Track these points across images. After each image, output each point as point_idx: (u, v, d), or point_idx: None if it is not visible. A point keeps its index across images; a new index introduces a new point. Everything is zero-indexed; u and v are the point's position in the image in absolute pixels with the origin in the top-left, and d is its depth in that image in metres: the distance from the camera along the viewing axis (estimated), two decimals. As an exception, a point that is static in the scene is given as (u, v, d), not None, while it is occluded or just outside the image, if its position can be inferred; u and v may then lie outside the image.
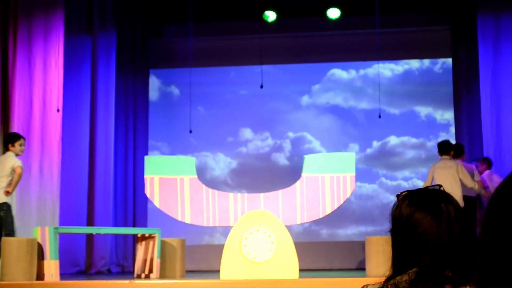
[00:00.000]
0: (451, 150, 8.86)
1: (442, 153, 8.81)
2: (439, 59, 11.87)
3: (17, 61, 9.54)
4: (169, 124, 11.98)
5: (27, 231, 8.51)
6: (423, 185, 9.10)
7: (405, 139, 11.78)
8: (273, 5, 11.25)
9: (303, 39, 12.00)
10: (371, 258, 7.71)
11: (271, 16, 11.26)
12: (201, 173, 10.85)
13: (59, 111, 9.44)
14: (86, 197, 10.39)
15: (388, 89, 11.68)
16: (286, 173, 11.48)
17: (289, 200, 7.71)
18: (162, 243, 8.17)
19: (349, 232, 11.62)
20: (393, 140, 11.79)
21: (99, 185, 10.49)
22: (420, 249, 1.67)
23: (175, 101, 12.12)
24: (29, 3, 9.68)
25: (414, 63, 11.95)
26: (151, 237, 8.18)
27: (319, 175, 7.74)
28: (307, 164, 7.82)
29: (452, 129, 11.51)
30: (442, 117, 11.75)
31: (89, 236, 10.32)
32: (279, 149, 11.95)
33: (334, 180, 7.72)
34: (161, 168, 7.77)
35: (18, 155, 8.12)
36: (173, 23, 11.88)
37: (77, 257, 10.19)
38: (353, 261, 10.99)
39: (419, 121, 11.80)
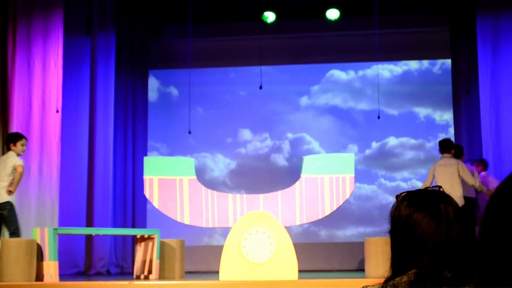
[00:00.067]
0: (452, 148, 8.83)
1: (443, 151, 8.78)
2: (438, 60, 11.86)
3: (16, 61, 9.54)
4: (168, 124, 11.97)
5: (26, 232, 8.49)
6: (423, 183, 9.08)
7: (404, 140, 11.77)
8: (272, 6, 11.25)
9: (302, 40, 11.99)
10: (370, 259, 7.71)
11: (270, 17, 11.26)
12: (200, 174, 10.84)
13: (58, 111, 9.44)
14: (85, 198, 10.38)
15: (387, 90, 11.67)
16: (285, 174, 11.47)
17: (288, 201, 7.71)
18: (161, 244, 8.17)
19: (348, 233, 11.61)
20: (392, 141, 11.78)
21: (98, 186, 10.49)
22: (418, 250, 1.67)
23: (174, 101, 12.11)
24: (28, 3, 9.68)
25: (413, 64, 11.95)
26: (150, 238, 8.17)
27: (318, 176, 7.73)
28: (306, 165, 7.81)
29: (451, 130, 11.50)
30: (441, 118, 11.75)
31: (88, 237, 10.31)
32: (278, 150, 11.94)
33: (333, 181, 7.71)
34: (160, 169, 7.76)
35: (19, 155, 8.13)
36: (173, 23, 11.87)
37: (76, 258, 10.19)
38: (352, 262, 10.97)
39: (418, 122, 11.79)
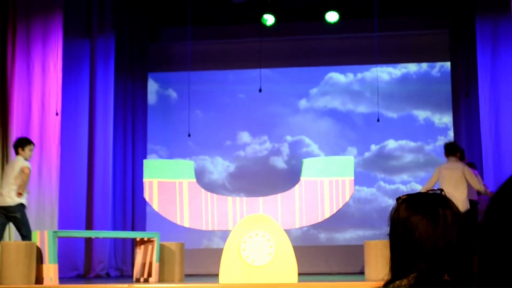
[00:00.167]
0: (457, 151, 8.75)
1: (448, 154, 8.69)
2: (437, 63, 11.87)
3: (16, 64, 9.54)
4: (167, 127, 11.98)
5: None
6: (425, 184, 9.05)
7: (403, 143, 11.77)
8: (271, 9, 11.25)
9: (301, 43, 12.00)
10: (370, 262, 7.70)
11: (269, 19, 11.25)
12: (199, 176, 10.83)
13: (58, 114, 9.44)
14: (85, 200, 10.38)
15: (386, 93, 11.67)
16: (284, 177, 11.46)
17: (288, 204, 7.70)
18: (161, 247, 8.17)
19: (347, 236, 11.61)
20: (391, 143, 11.78)
21: (98, 189, 10.49)
22: (416, 253, 1.67)
23: (173, 104, 12.12)
24: (28, 6, 9.69)
25: (412, 66, 11.95)
26: (150, 241, 8.17)
27: (318, 179, 7.72)
28: (305, 167, 7.80)
29: (450, 133, 11.50)
30: (440, 120, 11.75)
31: (88, 240, 10.31)
32: (277, 153, 11.94)
33: (333, 184, 7.70)
34: (160, 172, 7.76)
35: (26, 159, 8.29)
36: (172, 26, 11.87)
37: (76, 261, 10.18)
38: (352, 265, 10.96)
39: (417, 124, 11.79)
